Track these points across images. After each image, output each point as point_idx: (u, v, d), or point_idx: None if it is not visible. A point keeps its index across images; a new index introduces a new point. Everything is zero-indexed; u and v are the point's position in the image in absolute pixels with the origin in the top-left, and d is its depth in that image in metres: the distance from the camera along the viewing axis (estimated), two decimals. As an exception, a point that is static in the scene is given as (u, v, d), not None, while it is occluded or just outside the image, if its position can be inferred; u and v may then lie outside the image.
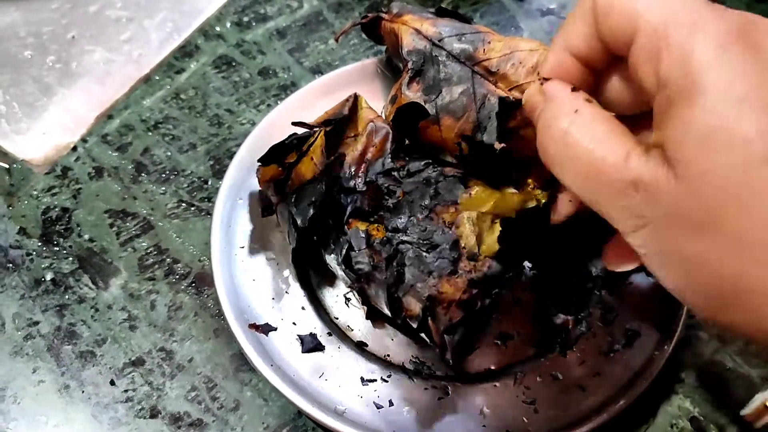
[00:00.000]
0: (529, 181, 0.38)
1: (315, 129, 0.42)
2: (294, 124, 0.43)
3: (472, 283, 0.37)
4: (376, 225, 0.40)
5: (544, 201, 0.37)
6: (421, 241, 0.38)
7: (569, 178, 0.28)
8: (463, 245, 0.38)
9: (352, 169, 0.41)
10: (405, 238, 0.39)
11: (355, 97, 0.44)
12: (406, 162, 0.41)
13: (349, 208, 0.40)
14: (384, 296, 0.38)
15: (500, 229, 0.38)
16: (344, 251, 0.39)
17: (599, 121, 0.27)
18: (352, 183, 0.41)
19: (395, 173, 0.41)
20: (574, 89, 0.29)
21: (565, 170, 0.28)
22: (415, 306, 0.37)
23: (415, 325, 0.38)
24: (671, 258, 0.26)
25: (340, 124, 0.42)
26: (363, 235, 0.39)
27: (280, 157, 0.42)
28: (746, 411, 0.40)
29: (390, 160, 0.41)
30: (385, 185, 0.41)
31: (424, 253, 0.38)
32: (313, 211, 0.39)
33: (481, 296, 0.38)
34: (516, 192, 0.38)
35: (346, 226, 0.40)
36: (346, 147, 0.42)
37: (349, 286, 0.43)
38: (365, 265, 0.39)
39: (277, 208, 0.43)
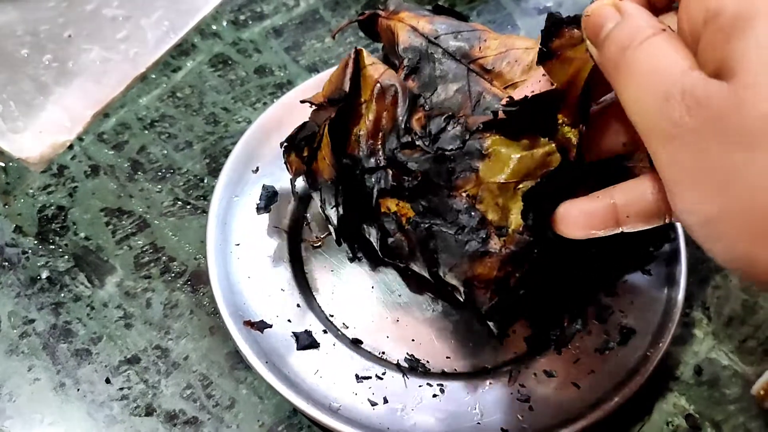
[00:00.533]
0: (560, 116, 0.35)
1: (320, 119, 0.40)
2: (302, 101, 0.42)
3: (504, 261, 0.35)
4: (406, 203, 0.38)
5: (576, 140, 0.34)
6: (448, 223, 0.37)
7: (627, 91, 0.27)
8: (490, 220, 0.36)
9: (370, 144, 0.39)
10: (433, 220, 0.37)
11: (357, 55, 0.41)
12: (426, 120, 0.38)
13: (375, 190, 0.39)
14: (428, 274, 0.38)
15: (522, 204, 0.35)
16: (379, 237, 0.39)
17: (674, 42, 0.26)
18: (372, 161, 0.39)
19: (417, 139, 0.38)
20: None
21: (628, 84, 0.27)
22: (458, 284, 0.37)
23: (462, 300, 0.38)
24: (705, 174, 0.24)
25: (344, 107, 0.40)
26: (394, 218, 0.38)
27: (297, 149, 0.41)
28: (755, 388, 0.40)
29: (404, 126, 0.38)
30: (404, 161, 0.38)
31: (453, 236, 0.36)
32: (342, 211, 0.39)
33: (516, 271, 0.36)
34: (541, 142, 0.35)
35: (377, 208, 0.39)
36: (358, 119, 0.40)
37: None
38: (402, 249, 0.39)
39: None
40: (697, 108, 0.24)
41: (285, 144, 0.42)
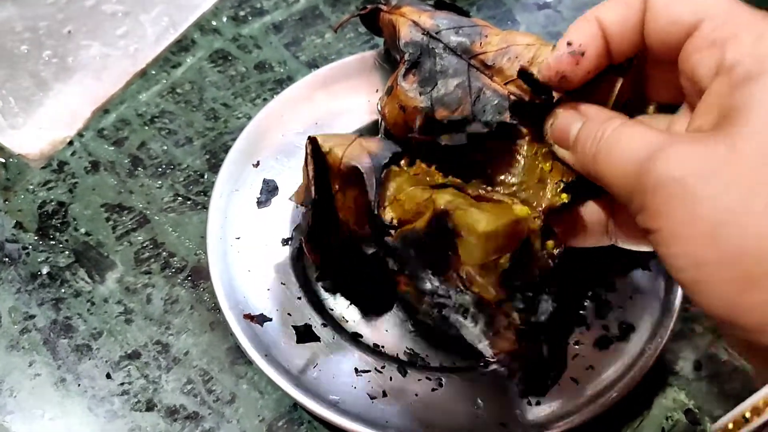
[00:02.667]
0: (553, 179, 0.35)
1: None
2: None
3: (521, 334, 0.33)
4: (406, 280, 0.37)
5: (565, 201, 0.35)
6: (454, 305, 0.35)
7: (610, 175, 0.29)
8: (487, 300, 0.33)
9: (365, 229, 0.38)
10: (438, 300, 0.35)
11: (313, 145, 0.38)
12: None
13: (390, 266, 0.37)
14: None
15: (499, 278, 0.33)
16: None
17: (639, 125, 0.28)
18: (370, 246, 0.38)
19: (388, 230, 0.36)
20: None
21: (609, 167, 0.29)
22: (489, 355, 0.35)
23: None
24: (692, 230, 0.24)
25: (317, 212, 0.38)
26: (409, 299, 0.37)
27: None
28: (715, 427, 0.36)
29: (376, 205, 0.36)
30: (392, 246, 0.35)
31: (463, 319, 0.35)
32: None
33: (535, 340, 0.34)
34: (504, 210, 0.34)
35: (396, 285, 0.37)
36: (342, 209, 0.39)
37: None
38: (431, 320, 0.37)
39: None
40: (679, 167, 0.25)
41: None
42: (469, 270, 0.33)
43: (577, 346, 0.41)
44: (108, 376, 0.43)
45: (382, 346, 0.42)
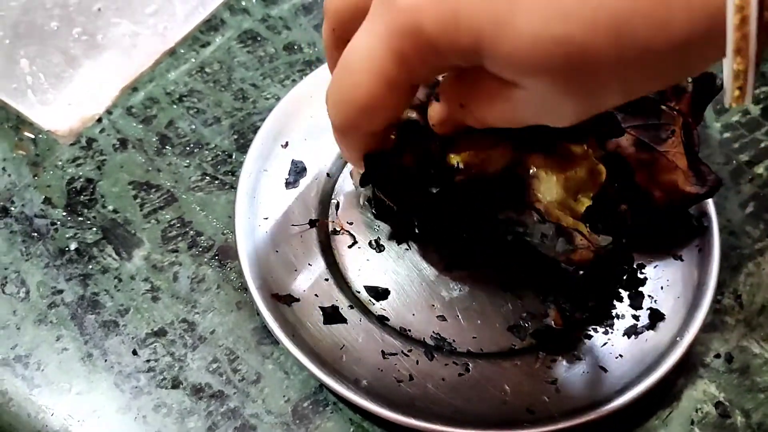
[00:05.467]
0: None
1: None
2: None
3: (597, 251, 0.36)
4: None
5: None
6: (529, 233, 0.37)
7: None
8: (565, 226, 0.36)
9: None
10: (515, 228, 0.38)
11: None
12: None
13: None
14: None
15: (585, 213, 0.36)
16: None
17: None
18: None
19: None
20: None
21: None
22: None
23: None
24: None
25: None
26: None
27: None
28: None
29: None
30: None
31: (540, 242, 0.37)
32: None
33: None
34: (577, 158, 0.36)
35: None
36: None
37: None
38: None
39: None
40: None
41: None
42: (546, 206, 0.36)
43: (606, 335, 0.41)
44: (134, 352, 0.43)
45: (409, 330, 0.42)
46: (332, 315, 0.41)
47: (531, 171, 0.36)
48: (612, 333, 0.41)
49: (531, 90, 0.27)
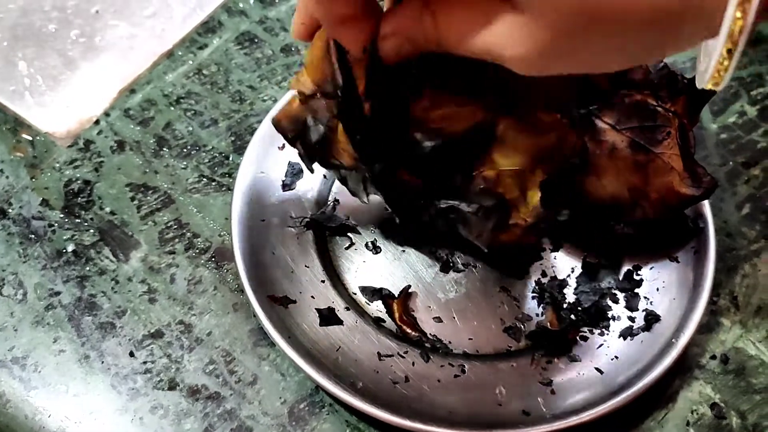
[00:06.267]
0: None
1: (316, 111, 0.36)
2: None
3: (527, 230, 0.37)
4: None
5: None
6: (468, 204, 0.37)
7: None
8: (509, 199, 0.36)
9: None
10: (449, 201, 0.38)
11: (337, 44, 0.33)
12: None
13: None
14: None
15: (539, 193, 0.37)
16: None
17: None
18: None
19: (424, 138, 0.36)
20: None
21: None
22: (481, 245, 0.39)
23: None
24: None
25: (343, 101, 0.35)
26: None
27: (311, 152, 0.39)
28: None
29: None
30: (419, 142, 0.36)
31: (474, 214, 0.37)
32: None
33: (537, 236, 0.38)
34: (550, 124, 0.36)
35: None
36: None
37: None
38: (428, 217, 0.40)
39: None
40: None
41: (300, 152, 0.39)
42: (500, 172, 0.36)
43: (602, 336, 0.41)
44: (131, 354, 0.43)
45: (405, 332, 0.42)
46: (328, 317, 0.41)
47: (498, 132, 0.35)
48: (608, 334, 0.41)
49: (528, 16, 0.25)
